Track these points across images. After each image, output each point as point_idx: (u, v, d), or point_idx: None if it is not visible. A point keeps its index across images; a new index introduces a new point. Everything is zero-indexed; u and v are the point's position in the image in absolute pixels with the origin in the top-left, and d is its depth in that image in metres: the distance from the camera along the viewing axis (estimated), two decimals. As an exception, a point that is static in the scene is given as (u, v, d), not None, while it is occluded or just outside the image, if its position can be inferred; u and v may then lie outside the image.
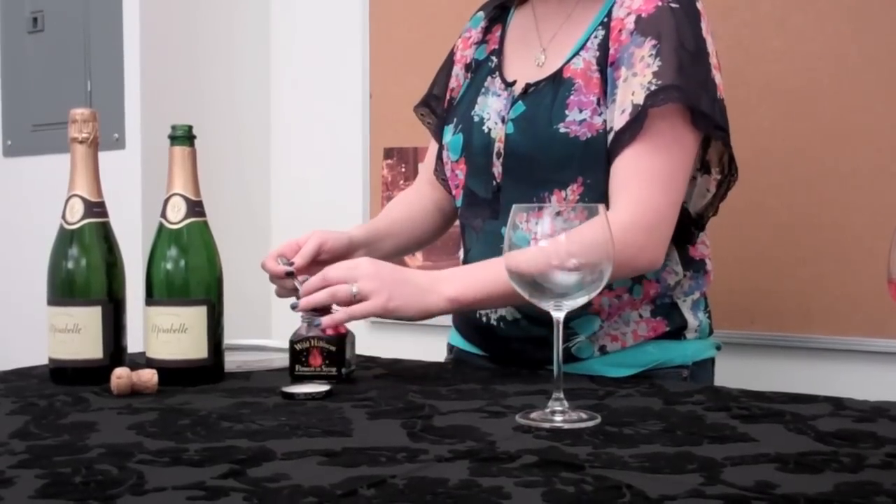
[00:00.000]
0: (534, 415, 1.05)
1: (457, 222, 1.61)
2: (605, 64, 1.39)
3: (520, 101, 1.44)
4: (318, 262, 1.42)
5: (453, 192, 1.56)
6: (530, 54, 1.49)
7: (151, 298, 1.32)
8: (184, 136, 1.32)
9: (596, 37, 1.41)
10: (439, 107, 1.65)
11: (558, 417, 1.04)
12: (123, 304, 1.36)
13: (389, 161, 2.66)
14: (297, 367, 1.32)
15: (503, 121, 1.45)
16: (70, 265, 1.33)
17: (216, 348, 1.32)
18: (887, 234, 0.91)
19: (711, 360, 1.52)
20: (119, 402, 1.18)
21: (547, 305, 1.05)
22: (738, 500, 0.75)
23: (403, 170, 2.64)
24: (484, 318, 1.48)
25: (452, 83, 1.63)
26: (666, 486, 0.79)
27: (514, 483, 0.80)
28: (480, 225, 1.49)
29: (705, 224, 1.49)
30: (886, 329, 1.91)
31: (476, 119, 1.49)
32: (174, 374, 1.28)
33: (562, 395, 1.06)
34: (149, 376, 1.24)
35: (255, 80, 2.87)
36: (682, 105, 1.34)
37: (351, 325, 1.37)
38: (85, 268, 1.33)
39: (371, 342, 2.06)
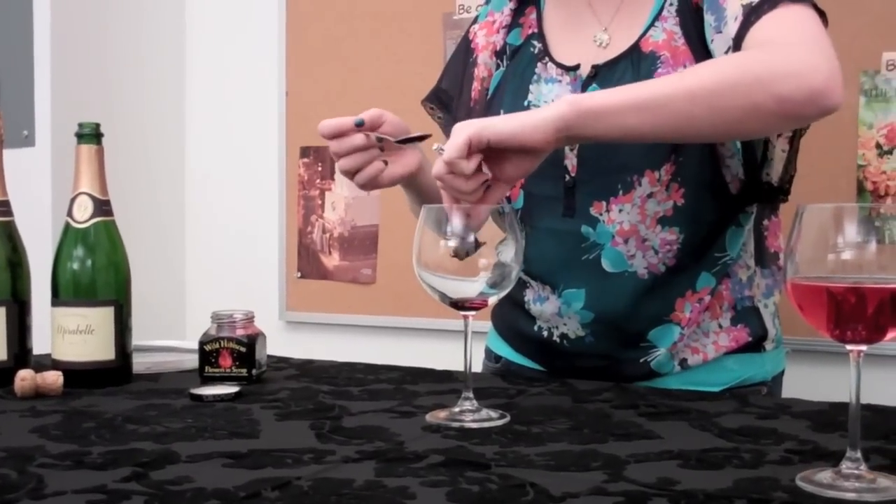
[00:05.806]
0: (443, 414, 1.06)
1: None
2: (691, 24, 1.28)
3: (593, 85, 1.31)
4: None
5: None
6: (586, 35, 1.37)
7: (57, 299, 1.29)
8: (91, 134, 1.30)
9: (671, 4, 1.31)
10: (450, 101, 1.51)
11: (467, 417, 1.04)
12: (29, 304, 1.33)
13: (306, 160, 2.65)
14: (207, 368, 1.30)
15: None
16: (-28, 265, 1.29)
17: (123, 349, 1.29)
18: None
19: (782, 372, 1.42)
20: (22, 405, 1.15)
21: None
22: (639, 496, 0.76)
23: (320, 168, 2.62)
24: (545, 333, 1.39)
25: (482, 73, 1.46)
26: (569, 483, 0.80)
27: (420, 483, 0.80)
28: (551, 225, 1.35)
29: (789, 188, 1.32)
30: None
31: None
32: (80, 376, 1.26)
33: (471, 395, 1.07)
34: (53, 378, 1.22)
35: (170, 77, 2.84)
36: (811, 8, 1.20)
37: (264, 325, 1.36)
38: (-13, 268, 1.30)
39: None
